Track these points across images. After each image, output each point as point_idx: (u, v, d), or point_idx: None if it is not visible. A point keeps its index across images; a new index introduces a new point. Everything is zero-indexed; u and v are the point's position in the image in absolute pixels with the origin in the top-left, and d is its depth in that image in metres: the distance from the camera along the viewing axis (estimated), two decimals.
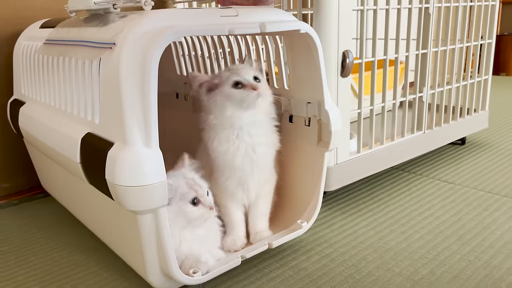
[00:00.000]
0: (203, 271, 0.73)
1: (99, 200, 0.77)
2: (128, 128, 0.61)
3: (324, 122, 0.87)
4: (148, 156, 0.61)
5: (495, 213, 1.02)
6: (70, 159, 0.75)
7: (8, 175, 1.22)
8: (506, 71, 3.02)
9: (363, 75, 1.05)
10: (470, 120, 1.44)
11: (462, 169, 1.29)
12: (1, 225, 1.04)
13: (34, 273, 0.84)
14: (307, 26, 0.79)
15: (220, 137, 0.83)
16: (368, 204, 1.09)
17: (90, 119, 0.72)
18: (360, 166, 1.10)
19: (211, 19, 0.70)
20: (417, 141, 1.25)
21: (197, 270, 0.73)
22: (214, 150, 0.83)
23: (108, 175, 0.63)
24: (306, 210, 0.91)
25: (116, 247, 0.83)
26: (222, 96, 0.80)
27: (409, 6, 1.12)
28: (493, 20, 1.43)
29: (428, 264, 0.82)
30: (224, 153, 0.83)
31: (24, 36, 1.05)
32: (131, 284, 0.79)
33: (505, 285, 0.75)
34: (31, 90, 0.97)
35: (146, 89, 0.61)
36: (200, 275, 0.72)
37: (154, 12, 0.67)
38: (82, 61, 0.73)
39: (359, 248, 0.89)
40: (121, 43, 0.63)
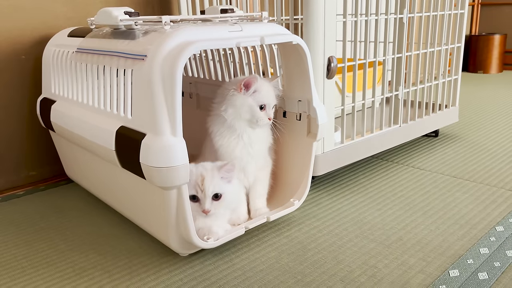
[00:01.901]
0: (214, 238, 0.91)
1: (128, 181, 0.94)
2: (159, 122, 0.78)
3: (312, 117, 1.05)
4: (175, 143, 0.79)
5: (456, 193, 1.21)
6: (106, 147, 0.92)
7: (35, 165, 1.38)
8: (483, 69, 3.23)
9: (346, 76, 1.23)
10: (441, 115, 1.63)
11: (433, 158, 1.48)
12: (34, 207, 1.21)
13: (72, 243, 1.01)
14: (298, 38, 0.97)
15: (223, 132, 1.00)
16: (350, 187, 1.27)
17: (123, 115, 0.89)
18: (343, 155, 1.28)
19: (221, 35, 0.87)
20: (393, 133, 1.44)
21: (210, 237, 0.90)
22: (217, 142, 1.01)
23: (143, 159, 0.81)
24: (298, 190, 1.09)
25: (141, 220, 1.01)
26: (244, 104, 0.97)
27: (385, 17, 1.30)
28: (461, 26, 1.61)
29: (397, 233, 1.01)
30: (226, 146, 1.00)
31: (53, 43, 1.21)
32: (155, 251, 0.96)
33: (459, 247, 0.94)
34: (63, 90, 1.13)
35: (173, 92, 0.78)
36: (212, 241, 0.90)
37: (176, 30, 0.84)
38: (116, 69, 0.90)
39: (342, 222, 1.07)
40: (152, 55, 0.80)
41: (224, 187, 0.89)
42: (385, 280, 0.84)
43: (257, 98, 0.97)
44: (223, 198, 0.89)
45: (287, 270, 0.88)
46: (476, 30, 3.44)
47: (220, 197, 0.88)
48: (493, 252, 0.92)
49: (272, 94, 1.01)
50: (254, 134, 1.01)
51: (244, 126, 0.99)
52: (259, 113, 0.98)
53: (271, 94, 1.00)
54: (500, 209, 1.10)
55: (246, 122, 0.99)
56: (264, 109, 0.98)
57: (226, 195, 0.89)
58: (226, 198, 0.89)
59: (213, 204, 0.88)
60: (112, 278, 0.87)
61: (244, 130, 1.00)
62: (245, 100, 0.97)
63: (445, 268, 0.87)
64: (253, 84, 0.96)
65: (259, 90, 0.98)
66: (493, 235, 0.98)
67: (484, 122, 1.90)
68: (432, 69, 1.55)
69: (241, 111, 0.97)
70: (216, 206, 0.89)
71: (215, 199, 0.88)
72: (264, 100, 0.98)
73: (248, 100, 0.97)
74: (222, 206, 0.90)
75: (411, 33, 1.41)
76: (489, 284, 0.81)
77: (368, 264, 0.89)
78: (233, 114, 0.98)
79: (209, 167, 0.90)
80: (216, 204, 0.88)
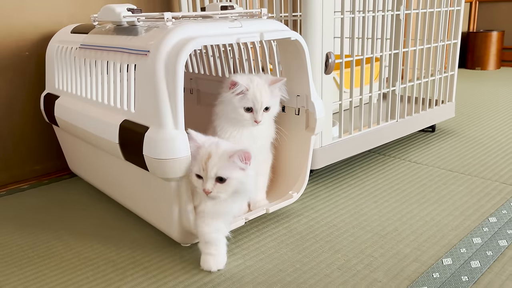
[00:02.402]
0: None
1: (131, 173, 0.97)
2: (162, 115, 0.81)
3: (310, 111, 1.08)
4: (177, 136, 0.81)
5: (451, 186, 1.24)
6: (109, 140, 0.94)
7: (39, 159, 1.41)
8: (481, 66, 3.25)
9: (343, 72, 1.26)
10: (438, 110, 1.66)
11: (429, 152, 1.51)
12: (38, 200, 1.23)
13: (77, 234, 1.04)
14: (297, 34, 0.99)
15: (224, 126, 1.02)
16: (348, 180, 1.30)
17: (127, 109, 0.92)
18: (341, 149, 1.31)
19: (221, 31, 0.89)
20: (390, 128, 1.46)
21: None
22: (219, 136, 1.03)
23: (146, 151, 0.83)
24: (296, 183, 1.11)
25: (143, 212, 1.03)
26: (229, 104, 0.97)
27: (382, 14, 1.33)
28: (458, 23, 1.64)
29: (392, 224, 1.04)
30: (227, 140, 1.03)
31: (56, 39, 1.24)
32: (158, 242, 0.99)
33: (453, 237, 0.97)
34: (67, 86, 1.16)
35: (175, 86, 0.81)
36: None
37: (177, 26, 0.86)
38: (120, 64, 0.93)
39: (339, 214, 1.10)
40: (155, 51, 0.83)
41: (233, 173, 0.81)
42: (381, 269, 0.86)
43: (242, 101, 0.96)
44: (228, 183, 0.81)
45: (286, 259, 0.91)
46: (474, 27, 3.47)
47: (225, 181, 0.81)
48: (486, 242, 0.94)
49: (265, 98, 0.96)
50: (256, 130, 1.03)
51: (230, 123, 0.99)
52: (244, 115, 0.96)
53: (263, 97, 0.96)
54: (494, 201, 1.13)
55: (232, 120, 0.99)
56: (252, 112, 0.97)
57: (232, 181, 0.81)
58: (232, 184, 0.81)
59: (216, 186, 0.81)
60: (117, 267, 0.90)
61: (230, 128, 1.00)
62: (231, 100, 0.96)
63: (438, 257, 0.90)
64: (235, 87, 0.95)
65: (246, 92, 0.95)
66: (486, 225, 1.01)
67: (480, 118, 1.92)
68: (428, 65, 1.57)
69: (227, 110, 0.98)
70: (220, 189, 0.81)
71: (220, 181, 0.81)
72: (249, 103, 0.95)
73: (233, 100, 0.96)
74: (227, 191, 0.82)
75: (408, 29, 1.43)
76: (481, 272, 0.84)
77: (365, 253, 0.92)
78: (222, 111, 1.00)
79: (222, 149, 0.82)
80: (220, 187, 0.81)
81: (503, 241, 0.95)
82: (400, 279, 0.83)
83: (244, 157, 0.82)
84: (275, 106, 1.01)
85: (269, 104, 0.98)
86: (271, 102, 0.99)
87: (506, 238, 0.95)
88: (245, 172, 0.83)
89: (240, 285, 0.83)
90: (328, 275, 0.85)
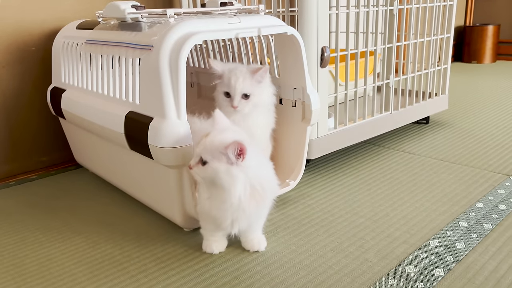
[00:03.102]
0: None
1: (136, 162, 1.02)
2: (166, 106, 0.86)
3: (306, 103, 1.13)
4: (180, 125, 0.87)
5: (442, 174, 1.29)
6: (115, 131, 1.00)
7: (45, 151, 1.46)
8: (477, 59, 3.30)
9: (338, 65, 1.31)
10: (431, 102, 1.71)
11: (423, 143, 1.56)
12: (46, 190, 1.29)
13: (84, 221, 1.09)
14: (293, 29, 1.04)
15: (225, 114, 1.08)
16: (343, 169, 1.35)
17: (132, 101, 0.97)
18: (336, 140, 1.36)
19: (221, 26, 0.95)
20: (385, 120, 1.51)
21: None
22: None
23: (151, 140, 0.88)
24: (293, 172, 1.17)
25: (147, 199, 1.09)
26: (216, 91, 1.04)
27: (375, 9, 1.38)
28: (450, 17, 1.68)
29: (384, 210, 1.09)
30: None
31: (62, 35, 1.29)
32: (161, 227, 1.04)
33: (440, 221, 1.02)
34: (73, 79, 1.21)
35: (178, 78, 0.86)
36: None
37: (179, 22, 0.91)
38: (125, 58, 0.98)
39: (334, 200, 1.15)
40: (158, 46, 0.88)
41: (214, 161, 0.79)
42: (371, 250, 0.92)
43: (220, 85, 1.03)
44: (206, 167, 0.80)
45: (283, 242, 0.96)
46: (471, 21, 3.51)
47: (249, 97, 0.89)
48: (472, 225, 1.00)
49: (244, 84, 0.99)
50: (251, 120, 1.08)
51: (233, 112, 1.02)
52: (223, 100, 1.02)
53: (238, 82, 0.99)
54: (482, 188, 1.19)
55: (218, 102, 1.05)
56: (230, 97, 1.02)
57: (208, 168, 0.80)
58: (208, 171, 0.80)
59: (198, 166, 0.81)
60: (123, 250, 0.96)
61: (237, 114, 1.03)
62: (217, 87, 1.05)
63: (426, 239, 0.95)
64: (213, 70, 1.01)
65: (223, 78, 1.02)
66: (472, 210, 1.07)
67: (474, 110, 1.97)
68: (422, 59, 1.62)
69: (215, 94, 1.06)
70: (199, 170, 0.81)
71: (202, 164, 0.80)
72: (225, 88, 1.01)
73: (217, 87, 1.04)
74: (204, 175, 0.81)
75: (401, 24, 1.48)
76: (465, 252, 0.90)
77: (357, 236, 0.98)
78: (216, 97, 1.06)
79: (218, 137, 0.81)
80: (200, 168, 0.81)
81: (488, 224, 1.00)
82: (389, 259, 0.89)
83: (238, 150, 0.78)
84: (259, 96, 1.03)
85: (249, 92, 1.01)
86: (252, 90, 1.01)
87: (491, 222, 1.01)
88: (229, 167, 0.79)
89: (240, 266, 0.88)
90: (322, 256, 0.91)
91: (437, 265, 0.86)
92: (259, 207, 0.85)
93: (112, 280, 0.86)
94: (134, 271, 0.88)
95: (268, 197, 0.86)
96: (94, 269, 0.89)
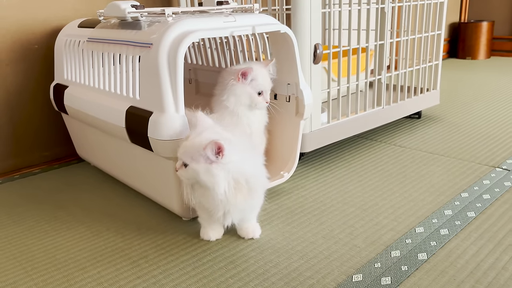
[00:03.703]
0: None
1: (136, 154, 1.07)
2: (165, 101, 0.91)
3: (300, 98, 1.18)
4: (178, 119, 0.91)
5: (431, 166, 1.34)
6: (117, 125, 1.04)
7: (48, 146, 1.51)
8: (472, 55, 3.35)
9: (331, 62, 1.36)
10: (423, 97, 1.76)
11: (414, 137, 1.61)
12: (50, 183, 1.33)
13: (87, 212, 1.14)
14: (286, 27, 1.09)
15: (223, 114, 1.13)
16: (336, 162, 1.40)
17: (132, 96, 1.02)
18: (329, 134, 1.41)
19: (217, 25, 0.99)
20: (377, 114, 1.56)
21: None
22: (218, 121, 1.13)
23: (150, 133, 0.93)
24: (287, 164, 1.22)
25: (147, 190, 1.14)
26: (244, 92, 1.08)
27: (367, 7, 1.42)
28: (441, 15, 1.73)
29: (374, 200, 1.14)
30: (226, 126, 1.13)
31: (64, 33, 1.33)
32: (161, 217, 1.09)
33: (426, 210, 1.07)
34: (75, 76, 1.25)
35: (176, 74, 0.91)
36: None
37: (177, 21, 0.96)
38: (125, 56, 1.03)
39: (326, 191, 1.20)
40: (157, 43, 0.93)
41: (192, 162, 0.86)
42: (360, 236, 0.97)
43: (255, 86, 1.09)
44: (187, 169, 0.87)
45: (277, 230, 1.02)
46: (465, 17, 3.55)
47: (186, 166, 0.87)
48: (456, 213, 1.05)
49: (268, 79, 1.11)
50: (253, 116, 1.13)
51: (244, 110, 1.11)
52: (258, 99, 1.09)
53: (267, 79, 1.11)
54: (468, 179, 1.24)
55: (246, 107, 1.11)
56: (262, 94, 1.10)
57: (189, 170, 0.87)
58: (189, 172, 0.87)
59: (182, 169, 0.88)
60: (125, 238, 1.01)
61: (244, 113, 1.11)
62: (244, 88, 1.08)
63: (412, 226, 1.00)
64: (249, 74, 1.07)
65: (256, 78, 1.09)
66: (458, 200, 1.12)
67: (466, 105, 2.02)
68: (413, 55, 1.67)
69: (242, 99, 1.09)
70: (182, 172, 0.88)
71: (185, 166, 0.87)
72: (261, 87, 1.09)
73: (247, 89, 1.08)
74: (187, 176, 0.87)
75: (394, 21, 1.53)
76: (448, 238, 0.95)
77: (347, 224, 1.03)
78: (235, 102, 1.09)
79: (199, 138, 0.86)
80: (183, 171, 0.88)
81: (472, 212, 1.05)
82: (376, 244, 0.94)
83: (216, 149, 0.82)
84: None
85: (271, 85, 1.12)
86: (271, 83, 1.12)
87: (474, 210, 1.06)
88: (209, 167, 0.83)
89: (236, 252, 0.94)
90: (313, 242, 0.96)
91: (421, 250, 0.91)
92: (247, 200, 0.89)
93: (114, 265, 0.91)
94: (135, 257, 0.93)
95: (256, 190, 0.90)
96: (97, 255, 0.94)
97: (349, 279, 0.83)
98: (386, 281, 0.82)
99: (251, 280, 0.84)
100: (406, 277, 0.83)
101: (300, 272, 0.86)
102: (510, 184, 1.20)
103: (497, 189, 1.17)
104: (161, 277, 0.86)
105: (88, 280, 0.86)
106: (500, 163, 1.35)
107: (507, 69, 2.89)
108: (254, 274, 0.86)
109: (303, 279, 0.84)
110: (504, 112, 1.90)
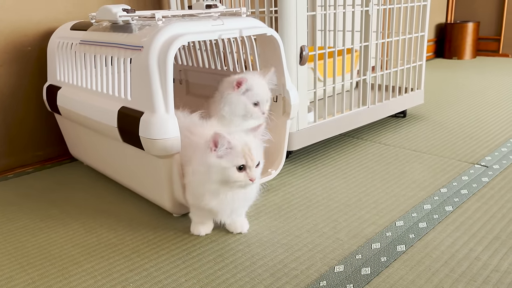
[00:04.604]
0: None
1: (128, 153, 1.11)
2: (156, 101, 0.95)
3: (286, 98, 1.22)
4: (168, 119, 0.95)
5: (413, 163, 1.40)
6: (109, 125, 1.08)
7: (41, 145, 1.54)
8: (458, 55, 3.42)
9: (317, 63, 1.40)
10: (407, 97, 1.81)
11: (398, 135, 1.67)
12: (43, 182, 1.37)
13: (80, 210, 1.17)
14: (272, 30, 1.14)
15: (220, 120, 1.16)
16: (322, 160, 1.45)
17: (124, 97, 1.05)
18: (316, 132, 1.46)
19: (206, 28, 1.03)
20: (362, 113, 1.61)
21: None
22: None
23: (142, 133, 0.97)
24: (275, 162, 1.26)
25: (139, 188, 1.17)
26: (239, 102, 1.09)
27: (352, 10, 1.47)
28: (425, 17, 1.78)
29: (357, 195, 1.19)
30: None
31: (57, 35, 1.36)
32: (152, 213, 1.13)
33: (407, 205, 1.12)
34: (68, 77, 1.29)
35: (166, 76, 0.94)
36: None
37: (167, 25, 1.00)
38: (117, 58, 1.06)
39: (312, 188, 1.25)
40: (148, 46, 0.97)
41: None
42: (343, 230, 1.02)
43: (250, 96, 1.09)
44: (260, 165, 0.91)
45: (264, 225, 1.06)
46: (452, 18, 3.62)
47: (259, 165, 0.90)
48: (434, 208, 1.10)
49: (265, 90, 1.10)
50: (247, 124, 1.16)
51: (238, 120, 1.12)
52: (253, 109, 1.10)
53: (264, 90, 1.10)
54: (448, 175, 1.29)
55: (240, 117, 1.11)
56: (258, 105, 1.10)
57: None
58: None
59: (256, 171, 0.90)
60: (118, 233, 1.04)
61: (238, 123, 1.12)
62: (239, 98, 1.09)
63: (393, 220, 1.05)
64: (243, 84, 1.07)
65: (252, 88, 1.09)
66: (437, 195, 1.17)
67: (450, 104, 2.08)
68: (398, 56, 1.72)
69: (236, 109, 1.10)
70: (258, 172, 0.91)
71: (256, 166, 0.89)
72: (256, 97, 1.09)
73: (241, 98, 1.09)
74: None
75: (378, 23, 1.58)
76: (426, 231, 1.00)
77: (331, 218, 1.07)
78: (230, 111, 1.11)
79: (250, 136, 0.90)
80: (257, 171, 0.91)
81: (449, 207, 1.10)
82: (358, 237, 0.99)
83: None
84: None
85: (270, 96, 1.12)
86: (270, 94, 1.12)
87: (452, 205, 1.11)
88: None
89: (224, 246, 0.98)
90: (298, 236, 1.00)
91: (400, 242, 0.96)
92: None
93: (107, 259, 0.94)
94: (127, 252, 0.97)
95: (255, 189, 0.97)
96: (90, 251, 0.98)
97: (331, 270, 0.88)
98: (366, 271, 0.87)
99: (238, 272, 0.88)
100: (385, 267, 0.88)
101: (285, 263, 0.90)
102: (487, 180, 1.25)
103: (475, 184, 1.23)
104: (152, 270, 0.90)
105: (82, 273, 0.90)
106: (479, 160, 1.40)
107: (492, 68, 2.96)
108: (242, 266, 0.90)
109: (287, 270, 0.88)
110: (487, 110, 1.96)
